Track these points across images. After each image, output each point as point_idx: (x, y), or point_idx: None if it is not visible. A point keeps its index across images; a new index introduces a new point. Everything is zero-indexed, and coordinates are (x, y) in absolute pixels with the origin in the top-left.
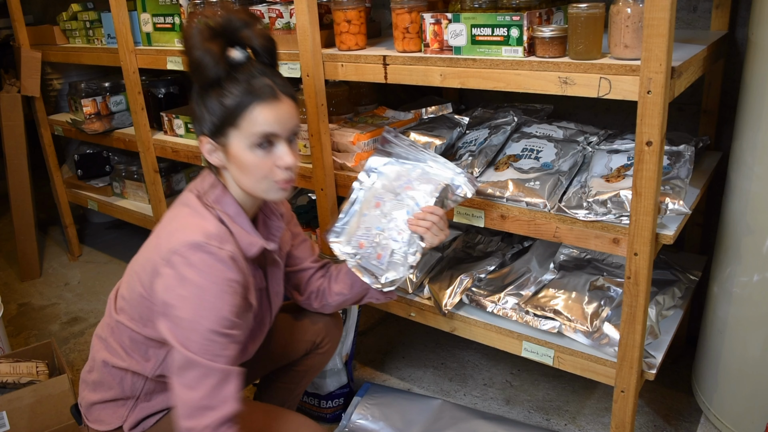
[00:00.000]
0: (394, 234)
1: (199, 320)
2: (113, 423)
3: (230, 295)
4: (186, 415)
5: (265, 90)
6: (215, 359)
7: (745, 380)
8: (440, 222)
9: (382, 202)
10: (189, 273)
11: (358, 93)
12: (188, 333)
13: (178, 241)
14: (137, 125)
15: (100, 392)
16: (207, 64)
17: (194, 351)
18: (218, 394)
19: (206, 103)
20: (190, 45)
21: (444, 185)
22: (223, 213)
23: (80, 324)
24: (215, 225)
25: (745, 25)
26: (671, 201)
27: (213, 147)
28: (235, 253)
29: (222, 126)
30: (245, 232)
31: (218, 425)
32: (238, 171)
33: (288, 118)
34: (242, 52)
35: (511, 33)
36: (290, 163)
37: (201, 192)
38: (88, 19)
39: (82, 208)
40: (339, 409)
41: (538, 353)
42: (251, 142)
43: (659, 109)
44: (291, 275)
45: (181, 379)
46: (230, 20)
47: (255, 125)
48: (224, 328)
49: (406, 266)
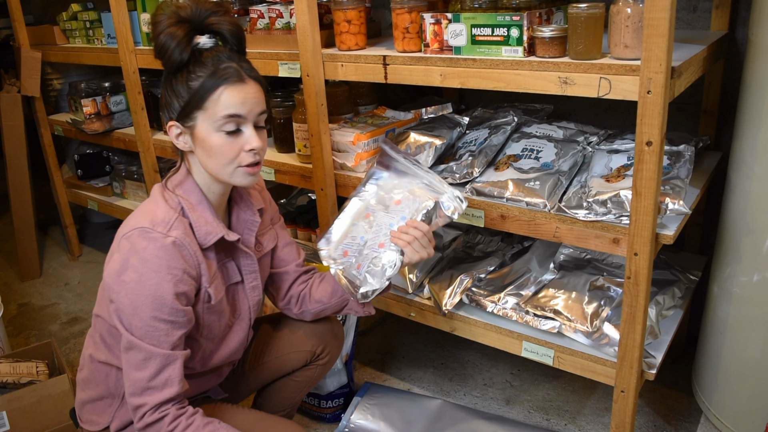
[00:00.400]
0: (376, 246)
1: (139, 306)
2: (101, 423)
3: (170, 283)
4: (132, 392)
5: (231, 72)
6: (158, 344)
7: (745, 380)
8: (423, 238)
9: (372, 214)
10: (132, 259)
11: (358, 93)
12: (130, 318)
13: (128, 226)
14: (137, 125)
15: (89, 390)
16: (171, 47)
17: (137, 336)
18: (161, 377)
19: (174, 87)
20: (157, 31)
21: (434, 202)
22: (185, 200)
23: (80, 324)
24: (165, 211)
25: (745, 25)
26: (671, 201)
27: (180, 131)
28: (183, 240)
29: (188, 109)
30: (204, 221)
31: (159, 405)
32: (204, 154)
33: (254, 101)
34: (210, 38)
35: (511, 33)
36: (256, 146)
37: (167, 179)
38: (88, 19)
39: (82, 208)
40: (339, 409)
41: (538, 353)
42: (217, 124)
43: (659, 109)
44: (273, 277)
45: (128, 358)
46: (198, 8)
47: (221, 107)
48: (166, 315)
49: (383, 279)
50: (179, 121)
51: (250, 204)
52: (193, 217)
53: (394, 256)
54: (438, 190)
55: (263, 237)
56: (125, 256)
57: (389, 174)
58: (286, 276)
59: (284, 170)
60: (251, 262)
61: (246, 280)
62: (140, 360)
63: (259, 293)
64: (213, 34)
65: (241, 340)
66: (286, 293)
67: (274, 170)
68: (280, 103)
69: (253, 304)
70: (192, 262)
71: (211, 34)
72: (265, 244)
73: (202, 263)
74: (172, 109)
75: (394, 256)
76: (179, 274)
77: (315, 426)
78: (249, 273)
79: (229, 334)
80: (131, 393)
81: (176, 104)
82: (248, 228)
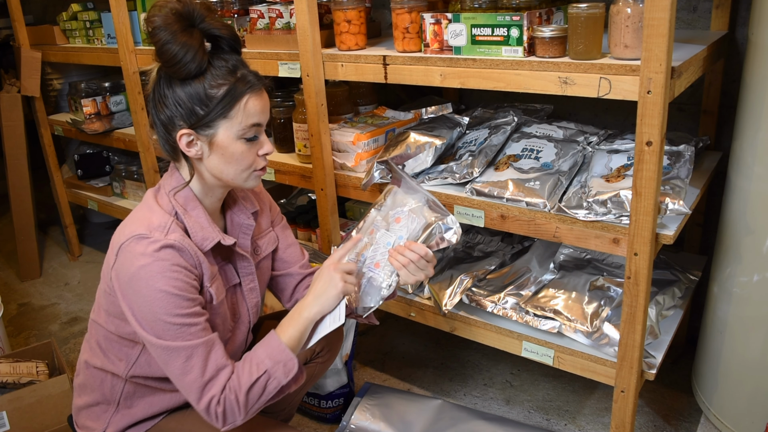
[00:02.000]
0: (372, 266)
1: (158, 311)
2: (97, 429)
3: (179, 280)
4: (196, 398)
5: (252, 81)
6: (192, 337)
7: (745, 380)
8: (419, 261)
9: (376, 230)
10: (133, 267)
11: (358, 93)
12: (153, 325)
13: (124, 234)
14: (137, 125)
15: (84, 396)
16: (187, 58)
17: (170, 339)
18: (210, 366)
19: (184, 95)
20: (163, 40)
21: (433, 224)
22: (179, 205)
23: (80, 324)
24: (160, 216)
25: (745, 25)
26: (671, 201)
27: (192, 138)
28: (182, 243)
29: (210, 117)
30: (199, 226)
31: (223, 387)
32: (222, 161)
33: (268, 108)
34: (210, 43)
35: (511, 33)
36: (270, 149)
37: (162, 186)
38: (88, 19)
39: (82, 208)
40: (339, 409)
41: (538, 353)
42: (242, 132)
43: (659, 109)
44: (277, 279)
45: (171, 370)
46: (194, 10)
47: (247, 116)
48: (186, 309)
49: (378, 297)
50: (195, 129)
51: (243, 208)
52: (188, 223)
53: (389, 278)
54: (440, 211)
55: (261, 240)
56: (125, 267)
57: (399, 190)
58: (290, 278)
59: (284, 170)
60: (248, 265)
61: (243, 283)
62: (183, 362)
63: (257, 296)
64: (212, 38)
65: (241, 343)
66: (291, 296)
67: (274, 170)
68: (280, 103)
69: (252, 306)
70: (193, 262)
71: (210, 38)
72: (264, 247)
73: (203, 263)
74: (181, 118)
75: (389, 278)
76: (183, 270)
77: (315, 426)
78: (246, 275)
79: (231, 338)
80: (195, 400)
81: (191, 113)
82: (243, 232)
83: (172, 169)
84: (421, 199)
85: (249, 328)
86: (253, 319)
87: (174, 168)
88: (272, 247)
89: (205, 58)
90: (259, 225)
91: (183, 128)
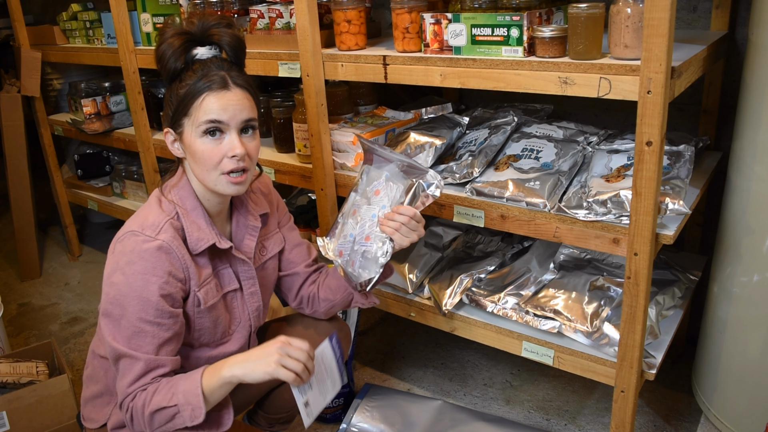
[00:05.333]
0: (362, 240)
1: (126, 306)
2: (99, 420)
3: (155, 285)
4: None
5: (216, 80)
6: (142, 348)
7: (745, 380)
8: (410, 222)
9: (357, 209)
10: (120, 261)
11: (358, 93)
12: (118, 320)
13: (122, 230)
14: (137, 125)
15: (91, 386)
16: (168, 56)
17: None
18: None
19: (169, 94)
20: (159, 41)
21: (413, 184)
22: (179, 206)
23: (80, 324)
24: (156, 215)
25: (745, 25)
26: (671, 201)
27: (173, 137)
28: (171, 244)
29: (177, 115)
30: (197, 227)
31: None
32: (192, 160)
33: (237, 108)
34: (209, 49)
35: (511, 33)
36: (239, 152)
37: (165, 185)
38: (88, 19)
39: (82, 208)
40: (339, 409)
41: (538, 353)
42: (200, 130)
43: (659, 109)
44: (283, 279)
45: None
46: (203, 21)
47: (202, 113)
48: (151, 316)
49: (376, 267)
50: (173, 128)
51: (250, 209)
52: (186, 223)
53: (383, 245)
54: (418, 171)
55: (268, 241)
56: (116, 259)
57: (372, 167)
58: (296, 277)
59: (284, 170)
60: (248, 269)
61: (244, 287)
62: (125, 367)
63: (259, 299)
64: (213, 45)
65: (242, 347)
66: (296, 294)
67: (274, 170)
68: (280, 103)
69: (253, 310)
70: (179, 266)
71: (211, 45)
72: (270, 248)
73: (190, 267)
74: (166, 117)
75: (384, 245)
76: (165, 276)
77: (315, 426)
78: (246, 279)
79: (228, 342)
80: (119, 404)
81: (170, 111)
82: (249, 234)
83: (174, 168)
84: (395, 167)
85: (250, 331)
86: (254, 323)
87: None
88: (278, 248)
89: (182, 58)
90: (267, 226)
91: (166, 127)
